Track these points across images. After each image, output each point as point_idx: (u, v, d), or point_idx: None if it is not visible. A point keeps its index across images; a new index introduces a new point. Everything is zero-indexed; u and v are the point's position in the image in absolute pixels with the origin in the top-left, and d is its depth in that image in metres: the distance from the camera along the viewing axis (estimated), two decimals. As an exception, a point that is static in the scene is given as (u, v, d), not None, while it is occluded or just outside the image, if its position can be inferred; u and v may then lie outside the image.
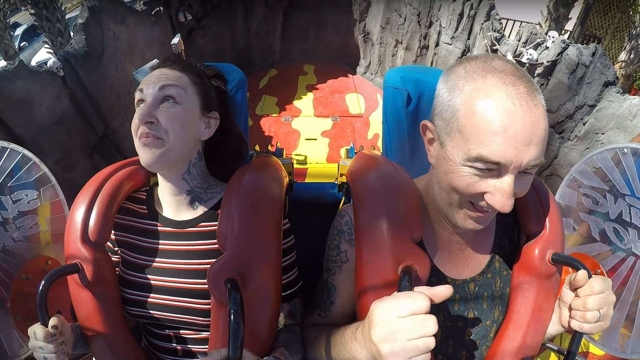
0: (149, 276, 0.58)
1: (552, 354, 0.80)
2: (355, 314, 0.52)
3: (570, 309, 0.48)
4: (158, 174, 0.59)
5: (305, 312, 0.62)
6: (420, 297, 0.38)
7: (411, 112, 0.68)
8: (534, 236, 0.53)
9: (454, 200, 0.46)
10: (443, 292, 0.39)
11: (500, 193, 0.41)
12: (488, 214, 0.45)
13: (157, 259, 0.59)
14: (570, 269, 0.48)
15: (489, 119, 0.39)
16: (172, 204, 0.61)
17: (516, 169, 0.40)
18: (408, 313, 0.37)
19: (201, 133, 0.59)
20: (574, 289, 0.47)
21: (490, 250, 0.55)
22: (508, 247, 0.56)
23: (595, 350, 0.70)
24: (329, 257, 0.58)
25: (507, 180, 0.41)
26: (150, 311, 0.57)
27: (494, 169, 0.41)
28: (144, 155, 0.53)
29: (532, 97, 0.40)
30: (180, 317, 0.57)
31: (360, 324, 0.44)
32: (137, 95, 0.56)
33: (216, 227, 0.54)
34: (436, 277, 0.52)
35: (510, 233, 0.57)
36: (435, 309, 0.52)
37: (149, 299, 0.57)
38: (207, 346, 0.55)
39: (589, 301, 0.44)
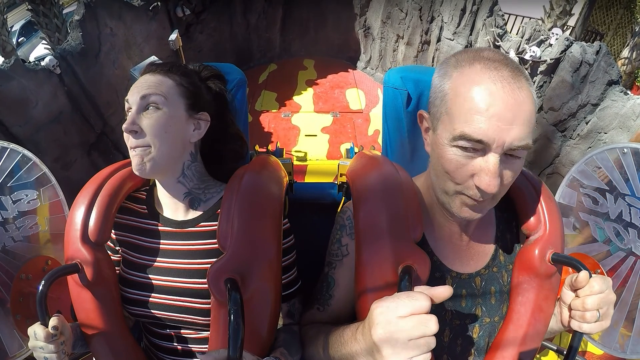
0: (149, 276, 0.58)
1: (552, 353, 0.80)
2: (353, 310, 0.52)
3: (570, 309, 0.48)
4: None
5: (304, 308, 0.62)
6: (420, 297, 0.38)
7: (411, 112, 0.68)
8: (534, 236, 0.53)
9: (448, 189, 0.47)
10: (442, 292, 0.39)
11: (485, 173, 0.42)
12: (483, 202, 0.46)
13: (157, 259, 0.59)
14: (570, 269, 0.48)
15: (473, 99, 0.42)
16: (171, 205, 0.61)
17: (499, 147, 0.42)
18: (409, 313, 0.37)
19: (190, 135, 0.58)
20: (575, 289, 0.47)
21: (493, 243, 0.55)
22: (510, 240, 0.56)
23: (593, 349, 0.70)
24: (330, 251, 0.58)
25: (491, 159, 0.42)
26: (151, 311, 0.57)
27: (479, 149, 0.43)
28: (134, 164, 0.55)
29: (515, 80, 0.41)
30: (180, 317, 0.57)
31: (360, 324, 0.44)
32: (126, 105, 0.56)
33: (216, 227, 0.53)
34: (440, 272, 0.52)
35: (510, 227, 0.57)
36: (442, 306, 0.52)
37: (149, 299, 0.57)
38: (207, 346, 0.56)
39: (588, 301, 0.45)
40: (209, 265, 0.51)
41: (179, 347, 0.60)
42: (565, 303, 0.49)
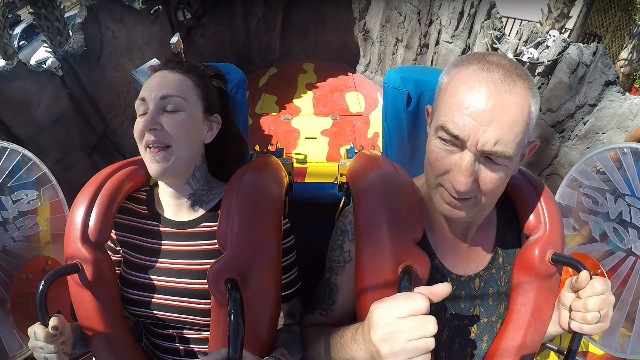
0: (150, 276, 0.58)
1: (552, 354, 0.80)
2: (355, 315, 0.52)
3: (570, 310, 0.48)
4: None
5: (305, 311, 0.62)
6: (419, 298, 0.38)
7: (411, 112, 0.68)
8: (534, 236, 0.53)
9: (430, 181, 0.48)
10: (442, 290, 0.40)
11: (457, 170, 0.43)
12: (462, 203, 0.46)
13: (158, 259, 0.59)
14: (570, 269, 0.48)
15: (456, 95, 0.43)
16: (173, 206, 0.61)
17: (473, 146, 0.42)
18: (407, 314, 0.37)
19: (204, 136, 0.59)
20: (576, 290, 0.47)
21: (493, 245, 0.55)
22: (510, 241, 0.56)
23: (594, 350, 0.70)
24: (331, 257, 0.58)
25: (465, 157, 0.43)
26: (152, 311, 0.57)
27: (457, 144, 0.43)
28: (153, 167, 0.54)
29: (504, 84, 0.41)
30: (181, 317, 0.57)
31: (360, 325, 0.44)
32: (139, 103, 0.55)
33: (216, 228, 0.53)
34: (441, 274, 0.52)
35: (512, 228, 0.57)
36: (442, 307, 0.52)
37: (150, 299, 0.57)
38: (207, 346, 0.55)
39: (589, 302, 0.45)
40: (209, 266, 0.51)
41: (179, 347, 0.60)
42: (564, 305, 0.49)
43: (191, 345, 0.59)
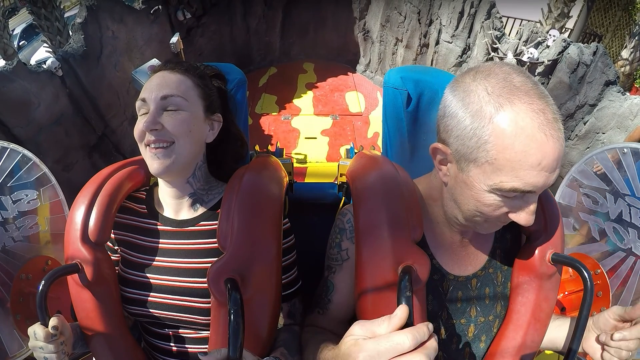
0: (148, 275, 0.58)
1: (553, 354, 0.80)
2: (353, 313, 0.52)
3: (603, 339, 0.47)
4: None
5: (307, 311, 0.62)
6: (403, 340, 0.34)
7: (411, 112, 0.68)
8: (534, 236, 0.53)
9: (477, 221, 0.48)
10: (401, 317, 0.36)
11: (525, 212, 0.44)
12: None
13: (157, 258, 0.59)
14: (570, 269, 0.48)
15: (524, 153, 0.40)
16: (173, 205, 0.61)
17: (541, 190, 0.43)
18: (392, 356, 0.34)
19: (206, 135, 0.60)
20: (623, 320, 0.47)
21: (492, 245, 0.55)
22: (510, 240, 0.56)
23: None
24: (330, 255, 0.58)
25: (532, 200, 0.43)
26: (150, 310, 0.57)
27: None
28: (154, 164, 0.54)
29: (557, 121, 0.41)
30: (179, 316, 0.57)
31: (337, 351, 0.40)
32: (139, 104, 0.56)
33: (216, 226, 0.54)
34: (438, 275, 0.52)
35: (511, 227, 0.56)
36: (439, 307, 0.52)
37: (148, 298, 0.57)
38: (206, 346, 0.56)
39: (631, 345, 0.44)
40: (208, 265, 0.51)
41: (177, 347, 0.60)
42: (600, 329, 0.48)
43: (189, 345, 0.59)
